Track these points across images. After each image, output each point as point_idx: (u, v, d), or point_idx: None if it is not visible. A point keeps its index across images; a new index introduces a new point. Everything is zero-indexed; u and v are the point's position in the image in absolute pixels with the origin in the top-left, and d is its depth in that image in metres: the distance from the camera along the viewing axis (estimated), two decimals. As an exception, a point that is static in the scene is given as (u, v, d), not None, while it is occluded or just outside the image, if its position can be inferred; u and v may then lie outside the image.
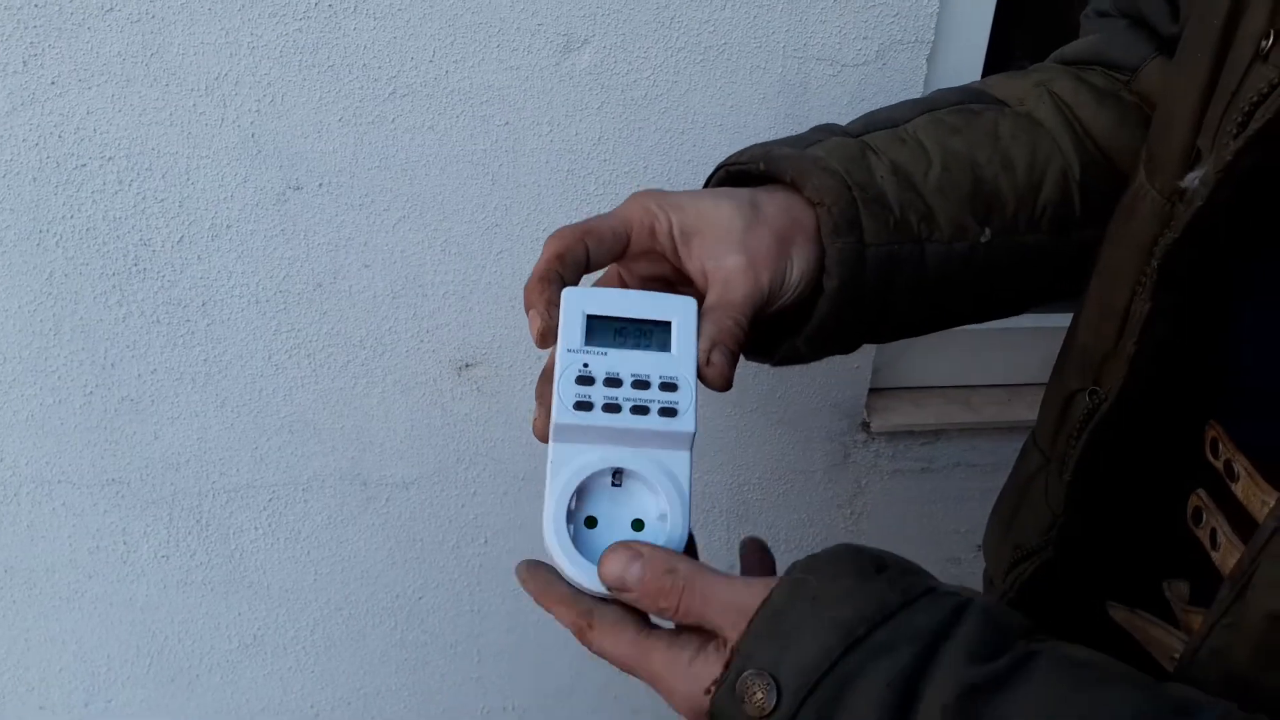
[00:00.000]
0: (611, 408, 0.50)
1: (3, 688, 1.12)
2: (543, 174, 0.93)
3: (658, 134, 0.93)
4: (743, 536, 0.57)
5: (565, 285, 0.53)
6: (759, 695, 0.44)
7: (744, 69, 0.92)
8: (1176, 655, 0.52)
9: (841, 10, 0.91)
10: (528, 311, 0.53)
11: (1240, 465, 0.51)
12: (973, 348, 1.16)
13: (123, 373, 0.96)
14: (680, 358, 0.52)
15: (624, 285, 0.61)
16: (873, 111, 0.69)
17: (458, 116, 0.89)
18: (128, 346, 0.95)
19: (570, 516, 0.51)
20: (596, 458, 0.51)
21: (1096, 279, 0.61)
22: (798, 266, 0.58)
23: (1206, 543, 0.53)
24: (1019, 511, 0.69)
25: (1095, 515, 0.62)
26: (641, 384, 0.51)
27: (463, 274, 0.97)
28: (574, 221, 0.56)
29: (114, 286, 0.92)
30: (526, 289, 0.54)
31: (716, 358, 0.52)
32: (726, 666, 0.45)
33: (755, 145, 0.65)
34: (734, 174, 0.64)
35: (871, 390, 1.14)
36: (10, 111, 0.83)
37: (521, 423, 1.06)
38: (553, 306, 0.52)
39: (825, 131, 0.66)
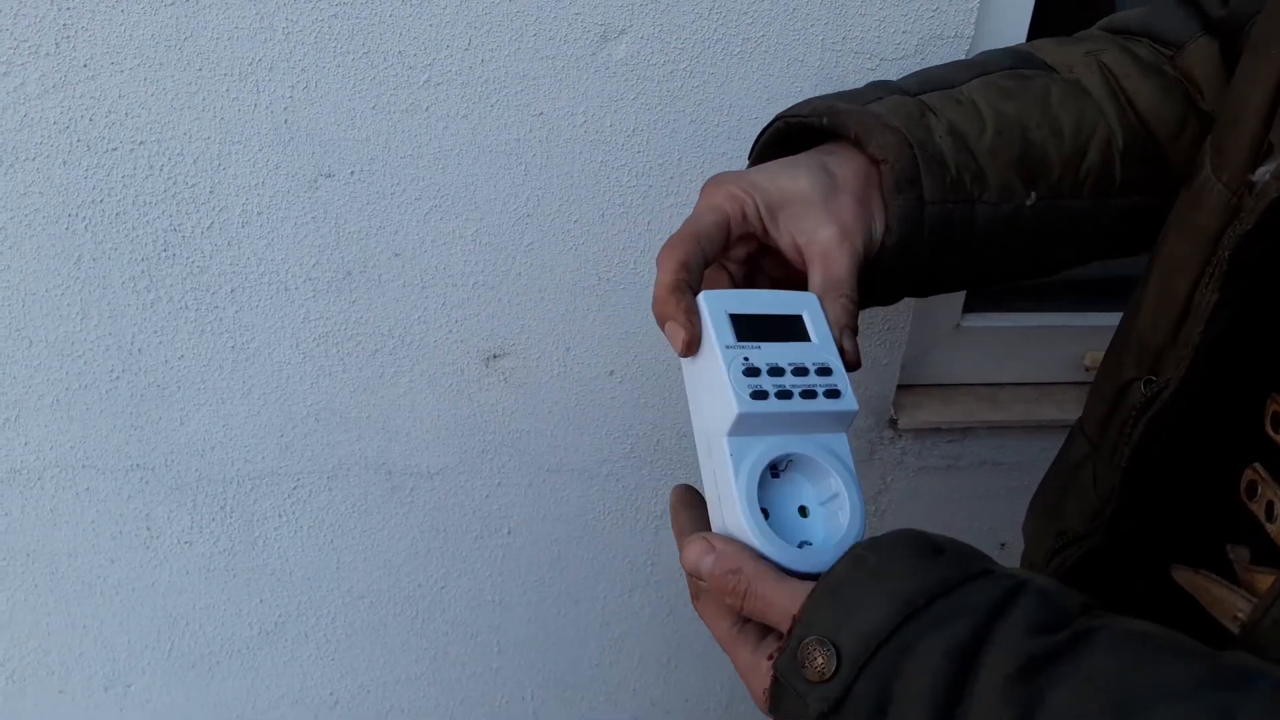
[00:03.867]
0: (784, 394, 0.52)
1: (24, 672, 1.12)
2: (576, 165, 0.92)
3: (693, 126, 0.92)
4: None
5: (694, 292, 0.55)
6: (819, 661, 0.45)
7: (781, 62, 0.91)
8: (1240, 614, 0.53)
9: (881, 4, 0.90)
10: (664, 325, 0.54)
11: None
12: (1000, 345, 1.16)
13: (149, 358, 0.95)
14: (822, 345, 0.55)
15: (727, 273, 0.62)
16: (924, 70, 0.71)
17: (492, 106, 0.88)
18: (155, 332, 0.94)
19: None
20: (773, 445, 0.53)
21: (1156, 269, 0.62)
22: (879, 222, 0.61)
23: (1261, 515, 0.54)
24: (1064, 498, 0.70)
25: (1149, 499, 0.63)
26: (800, 371, 0.54)
27: (493, 264, 0.96)
28: (676, 230, 0.58)
29: (143, 271, 0.91)
30: (658, 302, 0.54)
31: (848, 342, 0.56)
32: (789, 634, 0.47)
33: (815, 98, 0.66)
34: (793, 126, 0.66)
35: (899, 387, 1.13)
36: (42, 94, 0.82)
37: (548, 414, 1.05)
38: (692, 314, 0.54)
39: (882, 89, 0.68)
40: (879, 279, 0.62)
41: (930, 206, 0.61)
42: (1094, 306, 1.16)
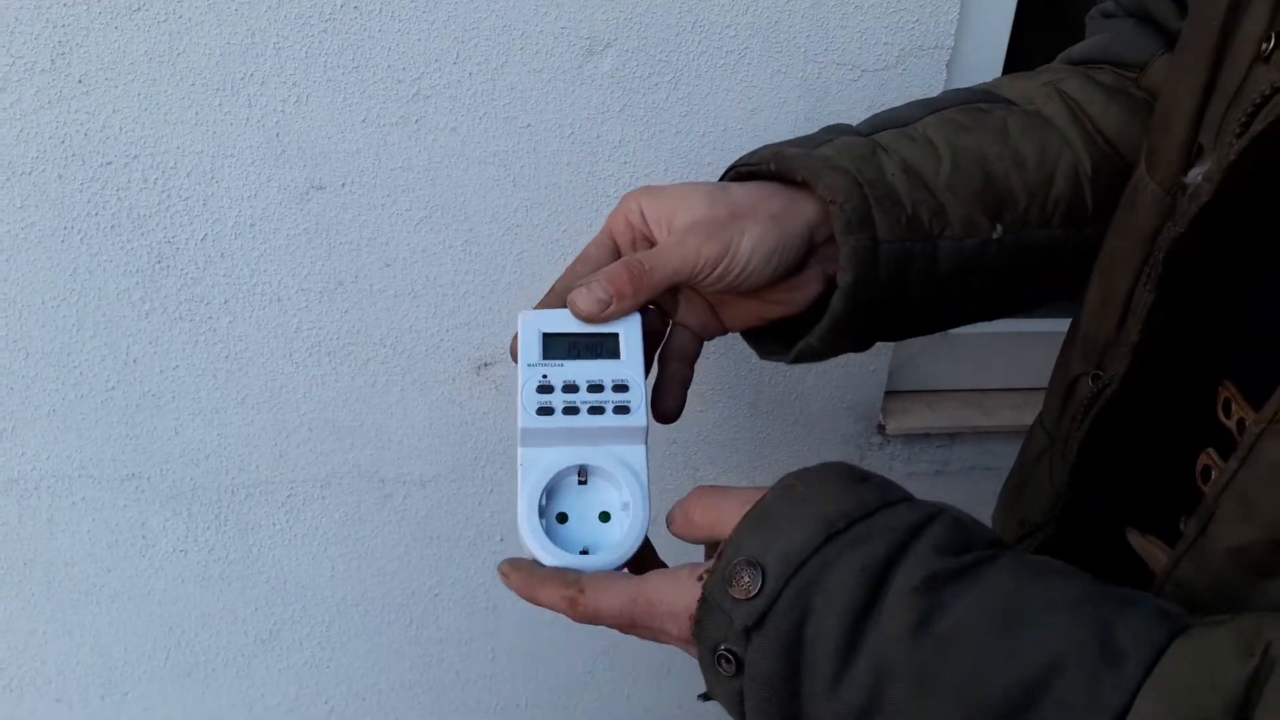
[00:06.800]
0: (571, 410, 0.56)
1: (20, 680, 1.13)
2: (564, 176, 0.94)
3: (678, 137, 0.94)
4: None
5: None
6: (745, 579, 0.48)
7: (764, 73, 0.92)
8: None
9: (862, 16, 0.91)
10: None
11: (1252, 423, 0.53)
12: (987, 351, 1.17)
13: (144, 368, 0.97)
14: (629, 363, 0.58)
15: None
16: (881, 112, 0.71)
17: (480, 118, 0.90)
18: (150, 342, 0.95)
19: (543, 514, 0.56)
20: (562, 457, 0.56)
21: (1099, 267, 0.63)
22: (748, 241, 0.59)
23: None
24: (1025, 489, 0.72)
25: (1098, 490, 0.64)
26: (596, 388, 0.57)
27: (482, 274, 0.97)
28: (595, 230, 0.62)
29: (137, 283, 0.92)
30: None
31: (578, 292, 0.58)
32: (719, 556, 0.50)
33: (765, 147, 0.67)
34: (743, 175, 0.66)
35: (887, 393, 1.14)
36: (38, 109, 0.84)
37: (538, 422, 1.06)
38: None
39: (835, 132, 0.68)
40: (844, 321, 0.62)
41: (885, 245, 0.61)
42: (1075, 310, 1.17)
